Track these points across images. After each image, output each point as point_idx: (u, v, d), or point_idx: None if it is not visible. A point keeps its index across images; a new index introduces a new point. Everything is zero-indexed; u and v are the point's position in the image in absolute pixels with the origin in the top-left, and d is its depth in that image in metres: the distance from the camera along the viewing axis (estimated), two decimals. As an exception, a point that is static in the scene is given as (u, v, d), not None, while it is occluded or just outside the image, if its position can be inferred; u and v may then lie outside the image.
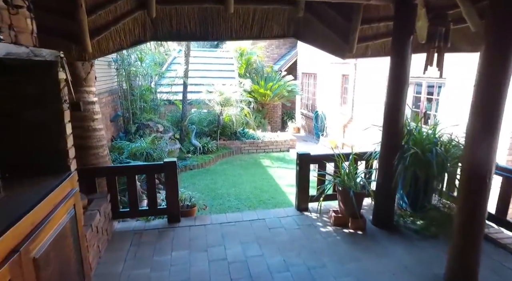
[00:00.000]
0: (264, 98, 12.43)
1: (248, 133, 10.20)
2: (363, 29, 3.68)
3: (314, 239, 3.39)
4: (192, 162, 8.07)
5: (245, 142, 9.75)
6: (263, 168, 8.19)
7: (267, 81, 12.72)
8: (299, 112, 15.09)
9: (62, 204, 2.00)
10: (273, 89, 12.25)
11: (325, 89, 11.96)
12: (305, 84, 14.33)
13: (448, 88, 6.06)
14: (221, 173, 7.72)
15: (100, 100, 7.03)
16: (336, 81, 10.93)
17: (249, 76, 13.33)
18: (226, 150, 9.36)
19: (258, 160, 8.93)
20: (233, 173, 7.73)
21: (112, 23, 3.07)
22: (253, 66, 13.48)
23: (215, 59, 13.13)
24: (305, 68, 14.01)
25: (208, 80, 10.40)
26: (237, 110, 9.28)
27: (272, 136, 10.34)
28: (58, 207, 1.93)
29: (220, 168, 8.15)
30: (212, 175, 7.50)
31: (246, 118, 9.69)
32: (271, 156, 9.44)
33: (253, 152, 9.83)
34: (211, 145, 8.94)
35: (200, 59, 12.93)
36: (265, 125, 12.60)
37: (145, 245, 3.30)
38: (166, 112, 9.82)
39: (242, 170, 8.00)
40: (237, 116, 9.10)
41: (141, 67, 8.51)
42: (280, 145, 10.10)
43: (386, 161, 3.44)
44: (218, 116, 9.21)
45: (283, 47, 16.73)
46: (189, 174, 7.50)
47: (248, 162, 8.78)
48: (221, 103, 9.11)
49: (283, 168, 8.27)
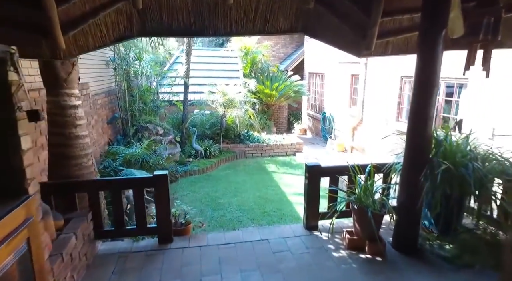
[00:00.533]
0: (269, 99, 11.95)
1: (252, 136, 9.74)
2: (384, 23, 3.18)
3: (326, 267, 2.91)
4: (193, 167, 7.64)
5: (250, 145, 9.28)
6: (268, 174, 7.72)
7: (272, 81, 12.24)
8: (305, 113, 14.57)
9: (4, 242, 1.56)
10: (279, 90, 11.76)
11: (333, 90, 11.43)
12: (312, 85, 13.81)
13: (471, 89, 5.51)
14: (224, 179, 7.27)
15: (95, 101, 6.64)
16: (345, 82, 10.40)
17: (254, 76, 12.86)
18: (230, 154, 8.91)
19: (263, 165, 8.46)
20: (236, 179, 7.28)
21: (90, 14, 2.62)
22: (259, 65, 13.01)
23: (219, 58, 12.67)
24: (312, 68, 13.49)
25: (211, 80, 9.96)
26: (241, 111, 8.82)
27: (277, 139, 9.86)
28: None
29: (223, 173, 7.70)
30: (213, 182, 7.05)
31: (250, 120, 9.22)
32: (276, 160, 8.96)
33: (257, 156, 9.36)
34: (214, 149, 8.50)
35: (203, 59, 12.48)
36: (270, 127, 12.12)
37: (130, 272, 2.85)
38: (167, 113, 9.40)
39: (246, 175, 7.54)
40: (241, 118, 8.64)
41: (140, 66, 8.10)
42: (286, 149, 9.61)
43: (410, 177, 2.94)
44: (221, 118, 8.76)
45: (290, 46, 16.25)
46: (189, 181, 7.07)
47: (253, 166, 8.32)
48: (224, 104, 8.66)
49: (290, 174, 7.79)
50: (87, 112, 5.71)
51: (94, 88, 6.72)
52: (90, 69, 6.34)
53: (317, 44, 12.53)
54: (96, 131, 6.62)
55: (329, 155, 10.00)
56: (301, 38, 15.72)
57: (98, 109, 6.81)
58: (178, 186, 6.72)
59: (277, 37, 15.56)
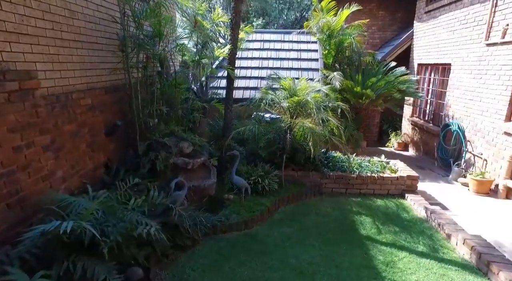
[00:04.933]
0: (360, 101, 8.20)
1: (334, 159, 6.23)
2: None
3: None
4: (229, 214, 4.54)
5: (329, 175, 5.81)
6: (361, 247, 4.13)
7: (365, 75, 8.47)
8: (407, 121, 10.37)
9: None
10: (377, 88, 7.93)
11: (468, 91, 7.15)
12: (424, 81, 9.55)
13: None
14: (277, 251, 3.97)
15: (76, 101, 4.00)
16: (499, 77, 6.12)
17: (339, 68, 9.23)
18: (295, 188, 5.57)
19: (351, 218, 4.91)
20: (299, 253, 3.91)
21: None
22: (346, 53, 9.31)
23: (289, 44, 9.25)
24: (426, 58, 9.22)
25: (277, 73, 6.68)
26: (317, 121, 5.37)
27: (374, 165, 6.13)
28: None
29: (277, 234, 4.37)
30: (257, 257, 3.80)
31: (331, 136, 5.66)
32: (373, 207, 5.31)
33: (340, 192, 5.84)
34: (270, 180, 5.27)
35: (267, 44, 9.23)
36: (359, 140, 8.39)
37: None
38: (208, 120, 6.49)
39: (320, 246, 4.12)
40: (317, 132, 5.19)
41: (167, 46, 5.28)
42: (388, 184, 5.86)
43: None
44: (284, 132, 5.46)
45: (389, 29, 12.10)
46: (216, 249, 3.91)
47: (332, 219, 4.85)
48: (291, 109, 5.34)
49: (408, 251, 4.08)
50: (24, 124, 3.04)
51: (76, 80, 4.08)
52: (53, 46, 3.66)
53: (440, 21, 8.27)
54: (73, 150, 3.97)
55: (463, 200, 5.94)
56: (405, 19, 11.43)
57: (82, 114, 4.16)
58: (193, 260, 3.67)
59: (373, 17, 11.54)
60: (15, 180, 2.97)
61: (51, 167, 3.47)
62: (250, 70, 8.36)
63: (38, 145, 3.28)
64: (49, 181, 3.44)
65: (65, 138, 3.84)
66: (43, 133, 3.37)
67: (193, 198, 4.83)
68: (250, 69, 8.40)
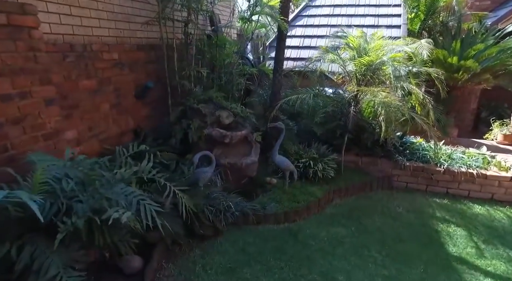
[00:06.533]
0: (456, 75, 6.39)
1: (413, 146, 4.81)
2: None
3: None
4: (267, 202, 3.61)
5: (404, 165, 4.46)
6: (449, 269, 2.83)
7: (465, 44, 6.56)
8: (522, 107, 7.99)
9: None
10: (482, 58, 6.04)
11: None
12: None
13: None
14: (320, 259, 2.91)
15: (97, 54, 3.44)
16: None
17: (428, 36, 7.40)
18: (357, 178, 4.37)
19: (432, 224, 3.57)
20: (353, 268, 2.81)
21: None
22: (440, 17, 7.39)
23: (364, 8, 7.65)
24: None
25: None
26: (394, 94, 4.02)
27: (471, 158, 4.54)
28: None
29: (326, 234, 3.28)
30: (292, 266, 2.80)
31: (412, 113, 4.22)
32: (468, 215, 3.85)
33: (418, 189, 4.46)
34: (325, 165, 4.18)
35: (337, 9, 7.82)
36: (446, 127, 6.63)
37: None
38: (262, 88, 5.55)
39: (383, 259, 2.94)
40: (392, 108, 3.86)
41: None
42: (493, 186, 4.25)
43: None
44: (348, 104, 4.24)
45: (504, -13, 9.42)
46: (241, 245, 3.00)
47: (403, 223, 3.58)
48: (358, 74, 4.08)
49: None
50: (16, 69, 2.48)
51: (102, 32, 3.53)
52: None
53: None
54: (92, 110, 3.47)
55: None
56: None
57: (105, 70, 3.61)
58: (209, 256, 2.87)
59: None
60: (2, 135, 2.49)
61: (56, 124, 2.95)
62: (316, 39, 7.23)
63: (38, 97, 2.76)
64: (53, 141, 2.93)
65: (81, 95, 3.32)
66: (45, 84, 2.83)
67: (229, 179, 4.03)
68: (315, 38, 7.28)
